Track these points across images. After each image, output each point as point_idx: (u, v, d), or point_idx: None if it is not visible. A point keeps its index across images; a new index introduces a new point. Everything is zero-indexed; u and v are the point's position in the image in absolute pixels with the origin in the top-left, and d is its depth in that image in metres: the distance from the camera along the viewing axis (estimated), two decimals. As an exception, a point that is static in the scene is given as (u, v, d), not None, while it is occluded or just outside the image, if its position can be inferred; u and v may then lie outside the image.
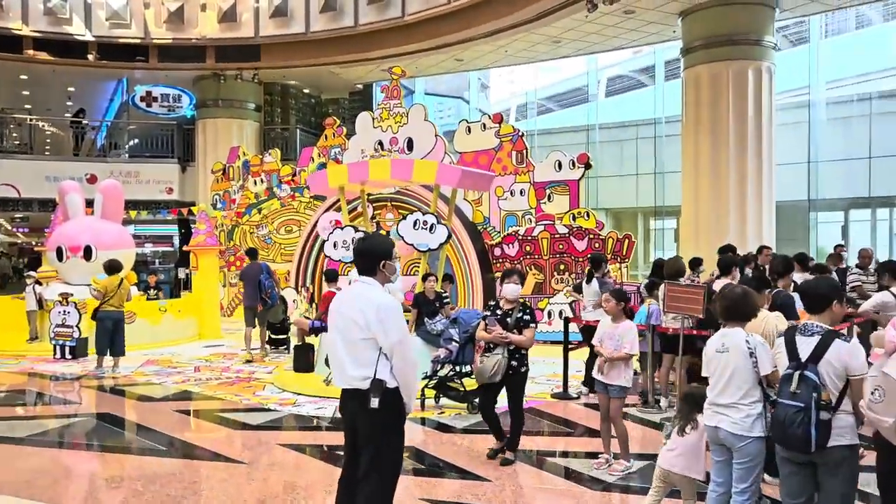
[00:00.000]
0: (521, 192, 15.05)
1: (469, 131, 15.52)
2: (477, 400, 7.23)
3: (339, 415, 4.23)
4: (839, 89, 16.61)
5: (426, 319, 9.00)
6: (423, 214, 9.40)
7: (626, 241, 13.56)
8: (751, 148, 14.33)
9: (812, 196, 16.67)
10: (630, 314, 6.86)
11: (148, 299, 13.72)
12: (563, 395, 8.47)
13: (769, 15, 14.57)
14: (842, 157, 16.12)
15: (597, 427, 7.17)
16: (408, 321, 10.48)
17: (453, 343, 7.91)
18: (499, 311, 5.97)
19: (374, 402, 3.71)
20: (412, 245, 9.47)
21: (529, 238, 14.32)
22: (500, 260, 14.61)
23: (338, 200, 16.58)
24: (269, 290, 11.90)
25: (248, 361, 11.23)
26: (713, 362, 4.14)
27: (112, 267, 11.02)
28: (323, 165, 17.40)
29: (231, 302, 18.16)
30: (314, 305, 16.11)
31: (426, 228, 9.33)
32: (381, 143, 16.23)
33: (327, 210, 16.51)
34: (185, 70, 19.93)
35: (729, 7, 14.41)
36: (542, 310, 13.53)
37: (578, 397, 8.49)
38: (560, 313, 13.42)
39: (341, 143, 17.30)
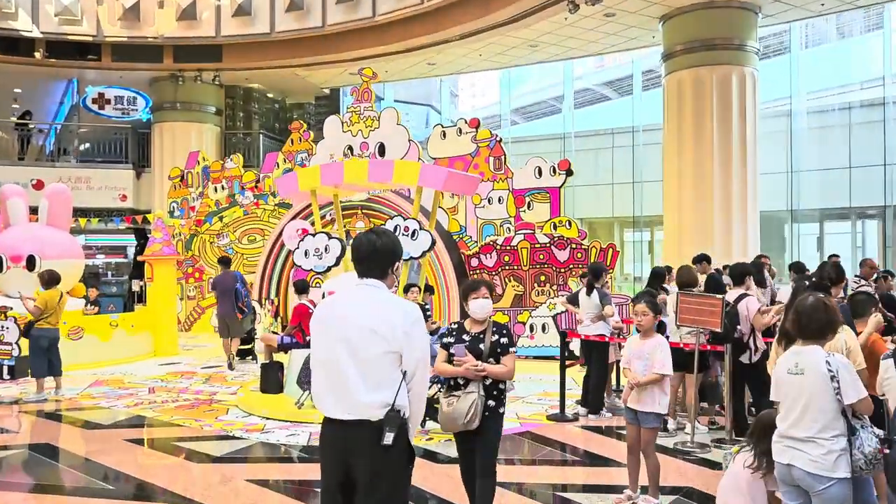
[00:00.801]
0: (499, 200, 14.39)
1: (444, 136, 14.83)
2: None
3: (314, 443, 3.39)
4: (820, 99, 16.38)
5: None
6: (405, 220, 8.63)
7: (610, 251, 12.96)
8: (735, 155, 13.90)
9: (793, 206, 16.33)
10: (661, 328, 6.16)
11: (85, 314, 12.58)
12: (560, 417, 7.74)
13: (752, 20, 14.21)
14: (821, 166, 15.83)
15: (604, 454, 6.49)
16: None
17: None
18: (466, 336, 4.41)
19: (389, 438, 2.93)
20: (392, 253, 8.67)
21: (508, 248, 13.64)
22: (478, 271, 13.90)
23: (305, 208, 15.81)
24: (245, 298, 11.99)
25: (231, 367, 11.38)
26: (785, 386, 3.45)
27: (51, 279, 10.00)
28: (289, 171, 16.52)
29: (189, 316, 17.09)
30: (278, 319, 15.19)
31: (408, 235, 8.56)
32: (350, 148, 15.44)
33: (294, 218, 15.62)
34: (140, 70, 18.84)
35: (711, 11, 14.01)
36: (524, 323, 12.84)
37: (576, 419, 7.77)
38: (543, 327, 12.75)
39: (308, 149, 16.46)
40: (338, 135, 15.61)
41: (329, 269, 9.22)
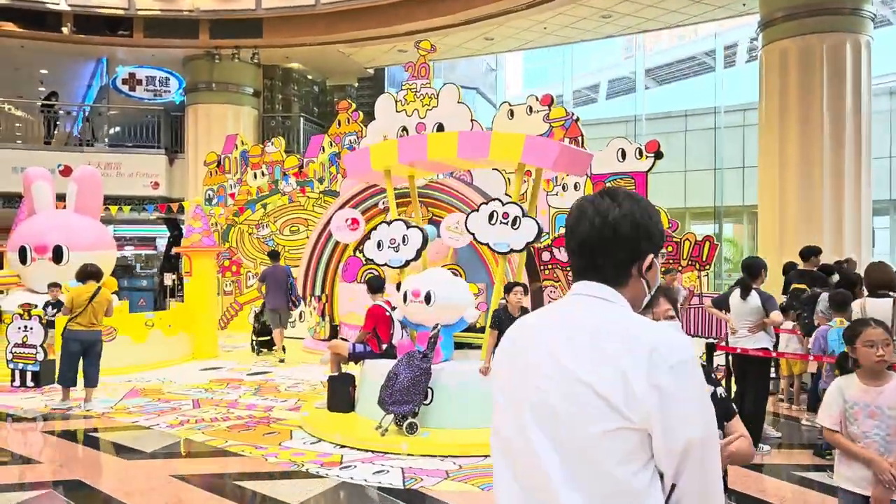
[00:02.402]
0: (575, 187, 12.84)
1: (512, 115, 13.29)
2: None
3: (412, 484, 1.91)
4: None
5: (512, 344, 6.68)
6: (504, 204, 7.11)
7: (707, 244, 11.38)
8: (848, 135, 12.20)
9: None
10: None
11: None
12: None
13: (866, -20, 12.48)
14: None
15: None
16: (472, 345, 8.21)
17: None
18: None
19: None
20: (489, 245, 7.18)
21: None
22: (550, 266, 12.40)
23: (355, 195, 14.36)
24: (296, 292, 12.51)
25: (282, 361, 11.51)
26: None
27: (88, 273, 8.69)
28: (336, 156, 15.08)
29: (225, 313, 15.73)
30: (326, 319, 13.77)
31: (507, 223, 7.05)
32: (405, 129, 13.96)
33: (342, 206, 14.19)
34: (174, 47, 17.49)
35: (819, -29, 12.31)
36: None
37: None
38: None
39: (357, 130, 14.99)
40: (391, 115, 14.14)
41: (407, 263, 7.75)
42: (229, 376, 10.20)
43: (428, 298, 6.92)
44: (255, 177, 15.96)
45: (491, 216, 7.12)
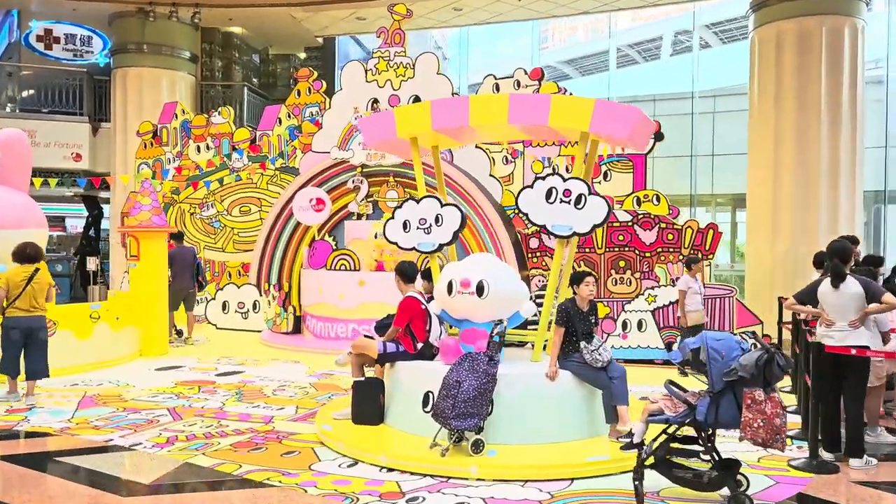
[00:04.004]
0: (566, 169, 11.96)
1: (497, 89, 12.26)
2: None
3: None
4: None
5: (583, 344, 5.73)
6: (565, 180, 6.09)
7: (710, 232, 10.76)
8: (845, 122, 11.90)
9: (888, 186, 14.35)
10: None
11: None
12: (819, 466, 5.41)
13: (861, -38, 12.18)
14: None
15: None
16: (519, 344, 7.16)
17: (694, 392, 4.70)
18: None
19: None
20: (546, 228, 6.14)
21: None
22: (539, 253, 11.55)
23: (321, 172, 12.98)
24: (202, 273, 12.28)
25: (184, 339, 11.49)
26: None
27: (27, 255, 7.39)
28: (296, 129, 13.64)
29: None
30: (288, 311, 12.38)
31: (568, 202, 6.04)
32: (375, 101, 12.72)
33: (305, 185, 12.79)
34: (99, 1, 15.43)
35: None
36: (612, 319, 10.50)
37: (835, 469, 5.45)
38: (640, 324, 10.45)
39: (319, 101, 13.59)
40: (359, 84, 12.84)
41: (440, 247, 6.62)
42: (196, 377, 8.76)
43: (480, 289, 5.84)
44: (199, 150, 14.28)
45: (549, 193, 6.10)
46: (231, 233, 14.00)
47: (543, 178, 6.17)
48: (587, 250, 11.48)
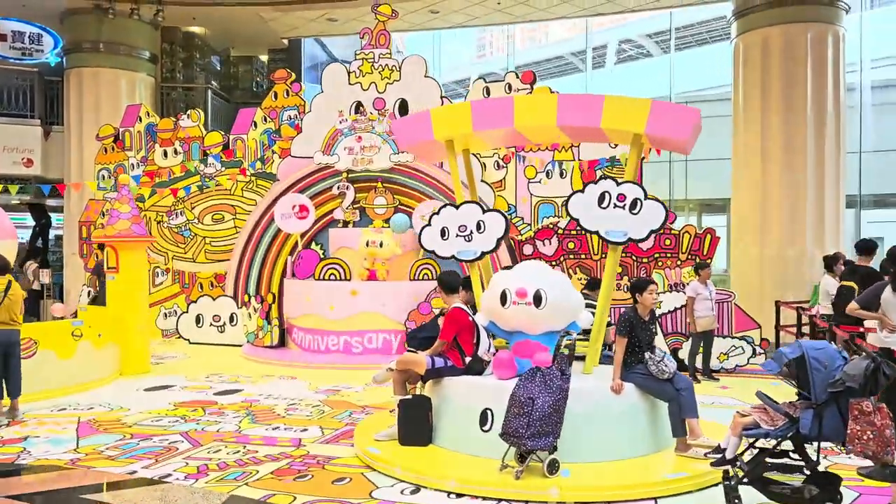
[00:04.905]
0: (560, 174, 11.79)
1: (488, 93, 12.01)
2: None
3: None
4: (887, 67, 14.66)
5: (648, 355, 5.47)
6: (619, 184, 5.83)
7: (708, 237, 10.73)
8: (829, 128, 12.08)
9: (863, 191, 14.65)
10: None
11: None
12: (892, 472, 5.28)
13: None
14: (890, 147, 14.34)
15: None
16: (563, 359, 6.79)
17: (799, 405, 4.48)
18: None
19: None
20: (598, 234, 5.86)
21: (573, 233, 11.09)
22: (533, 260, 11.24)
23: (303, 178, 12.41)
24: None
25: None
26: None
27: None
28: (275, 132, 13.05)
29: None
30: (273, 323, 11.74)
31: (622, 206, 5.78)
32: (360, 105, 12.28)
33: (286, 192, 12.21)
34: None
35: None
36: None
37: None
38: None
39: (299, 104, 13.04)
40: (342, 87, 12.37)
41: (482, 255, 6.28)
42: (193, 398, 8.13)
43: (538, 299, 5.52)
44: (166, 155, 13.51)
45: (602, 198, 5.83)
46: (203, 242, 13.27)
47: (595, 183, 5.90)
48: (583, 256, 11.34)
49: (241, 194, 13.15)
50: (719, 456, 4.68)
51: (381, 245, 11.05)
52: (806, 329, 10.34)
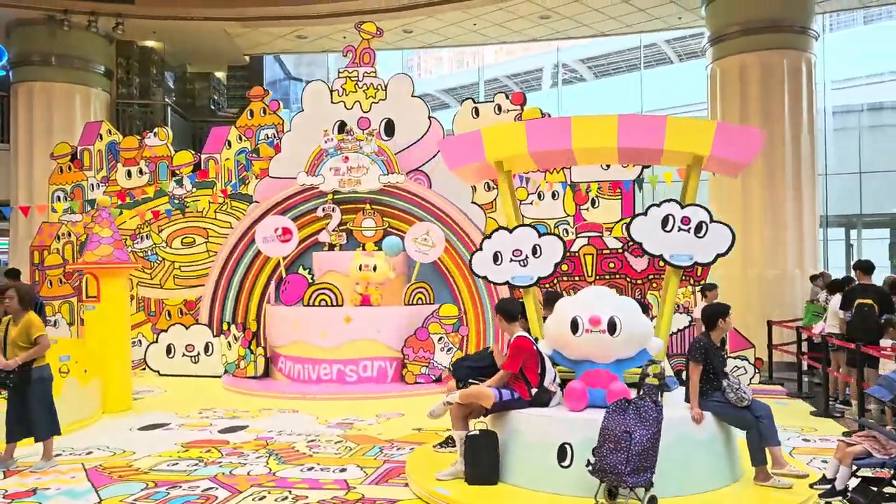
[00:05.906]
0: (553, 196, 11.71)
1: (476, 114, 11.89)
2: None
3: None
4: (844, 90, 15.21)
5: (726, 382, 5.34)
6: (683, 207, 5.72)
7: (702, 259, 10.80)
8: (804, 153, 12.46)
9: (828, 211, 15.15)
10: None
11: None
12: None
13: (811, -1, 12.90)
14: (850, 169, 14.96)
15: None
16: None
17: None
18: None
19: None
20: (662, 258, 5.73)
21: (567, 254, 10.95)
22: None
23: (284, 200, 11.85)
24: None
25: None
26: None
27: (26, 297, 6.39)
28: (254, 152, 12.50)
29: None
30: (255, 353, 11.10)
31: (687, 230, 5.67)
32: (343, 124, 11.89)
33: (266, 214, 11.65)
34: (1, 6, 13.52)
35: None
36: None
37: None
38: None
39: (277, 123, 12.56)
40: (324, 106, 11.96)
41: (538, 281, 6.04)
42: (199, 437, 7.52)
43: (612, 327, 5.31)
44: (130, 175, 12.74)
45: (665, 221, 5.70)
46: (171, 267, 12.52)
47: (658, 206, 5.77)
48: (577, 278, 11.23)
49: (213, 216, 12.50)
50: (828, 487, 4.57)
51: (374, 269, 10.66)
52: (805, 347, 10.51)
